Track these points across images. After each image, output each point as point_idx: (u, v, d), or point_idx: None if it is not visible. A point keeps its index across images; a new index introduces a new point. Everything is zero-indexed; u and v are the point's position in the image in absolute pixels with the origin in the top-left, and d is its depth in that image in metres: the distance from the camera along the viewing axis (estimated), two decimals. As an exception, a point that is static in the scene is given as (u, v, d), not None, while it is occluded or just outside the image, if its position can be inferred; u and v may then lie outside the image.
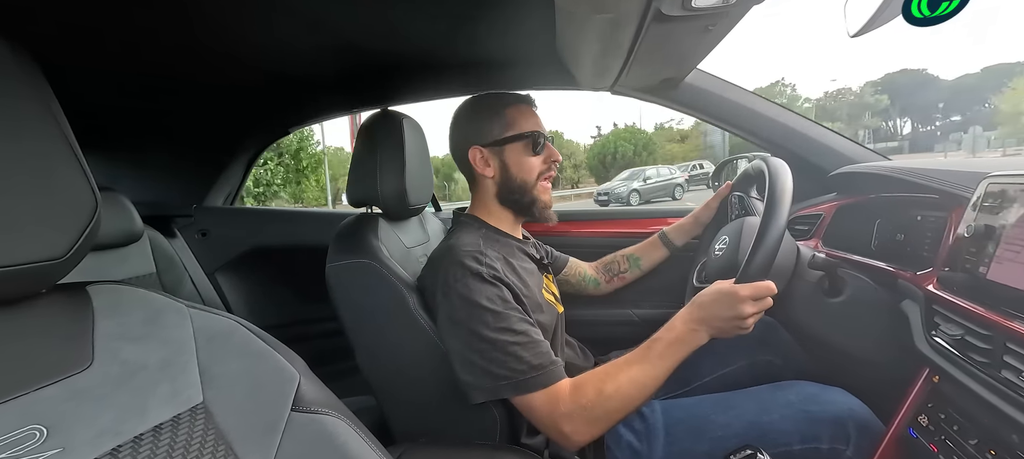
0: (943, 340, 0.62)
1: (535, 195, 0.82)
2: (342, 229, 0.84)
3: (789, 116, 1.16)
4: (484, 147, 0.82)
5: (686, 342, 0.68)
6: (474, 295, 0.68)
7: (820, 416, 0.71)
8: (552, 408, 0.65)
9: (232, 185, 1.66)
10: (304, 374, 0.40)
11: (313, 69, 1.14)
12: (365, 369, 0.80)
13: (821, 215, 1.06)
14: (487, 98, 0.85)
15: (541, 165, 0.82)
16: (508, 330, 0.67)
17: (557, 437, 0.66)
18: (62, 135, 0.33)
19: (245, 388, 0.37)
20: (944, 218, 0.74)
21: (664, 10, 0.60)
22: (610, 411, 0.65)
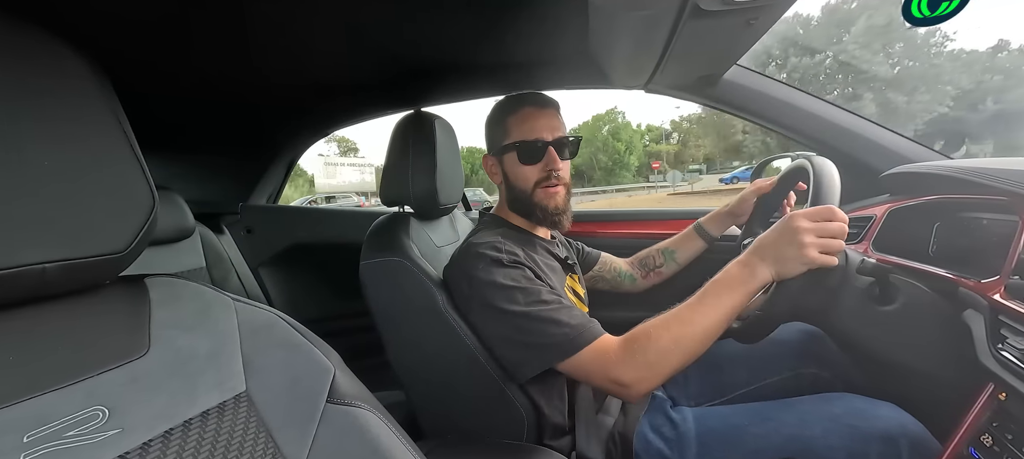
0: (1011, 354, 0.57)
1: (535, 202, 0.81)
2: (375, 228, 0.87)
3: (837, 113, 1.09)
4: (492, 155, 0.84)
5: (742, 281, 0.63)
6: (499, 278, 0.70)
7: (868, 432, 0.66)
8: (604, 361, 0.64)
9: (274, 185, 1.74)
10: (339, 367, 0.42)
11: (350, 75, 1.18)
12: (396, 364, 0.82)
13: (872, 217, 1.00)
14: (498, 105, 0.86)
15: (538, 173, 0.80)
16: (540, 301, 0.68)
17: (617, 390, 0.64)
18: (126, 139, 0.36)
19: (284, 379, 0.38)
20: (1014, 222, 0.68)
21: (702, 5, 0.58)
22: (664, 353, 0.61)
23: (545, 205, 0.81)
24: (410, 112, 0.94)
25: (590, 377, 0.66)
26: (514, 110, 0.82)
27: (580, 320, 0.67)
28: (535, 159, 0.80)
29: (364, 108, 1.43)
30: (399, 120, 0.94)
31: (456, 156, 0.98)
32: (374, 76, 1.20)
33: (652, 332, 0.63)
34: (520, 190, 0.82)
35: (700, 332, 0.62)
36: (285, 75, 1.14)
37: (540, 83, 1.21)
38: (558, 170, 0.80)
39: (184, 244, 1.29)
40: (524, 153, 0.80)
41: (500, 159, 0.84)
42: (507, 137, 0.82)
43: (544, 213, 0.81)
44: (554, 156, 0.80)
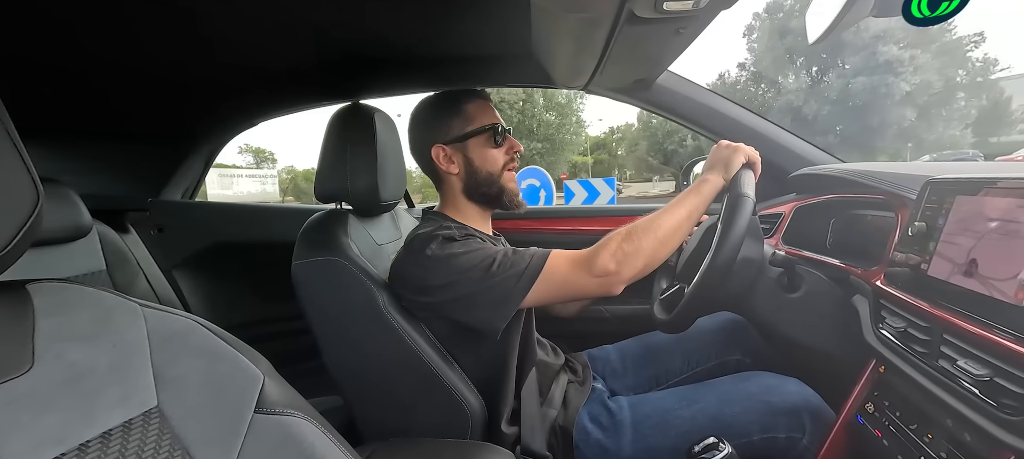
0: (888, 332, 0.66)
1: (503, 185, 0.83)
2: (309, 225, 0.82)
3: (753, 119, 1.20)
4: (446, 145, 0.82)
5: (698, 188, 0.76)
6: (453, 250, 0.71)
7: (778, 406, 0.74)
8: (584, 261, 0.70)
9: (192, 178, 1.58)
10: (268, 374, 0.39)
11: (282, 62, 1.10)
12: (332, 369, 0.78)
13: (781, 214, 1.11)
14: (444, 96, 0.85)
15: (504, 156, 0.83)
16: (496, 254, 0.71)
17: (605, 282, 0.69)
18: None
19: (205, 390, 0.35)
20: (891, 218, 0.79)
21: (637, 12, 0.61)
22: (640, 237, 0.70)
23: (511, 188, 0.85)
24: (347, 104, 0.90)
25: (575, 283, 0.70)
26: (471, 99, 0.83)
27: (533, 249, 0.72)
28: (501, 143, 0.83)
29: (297, 98, 1.34)
30: (335, 112, 0.89)
31: (399, 151, 0.95)
32: (309, 64, 1.13)
33: (625, 227, 0.72)
34: (488, 174, 0.83)
35: (669, 224, 0.72)
36: (206, 57, 1.03)
37: (484, 79, 1.20)
38: (520, 152, 0.86)
39: (78, 245, 1.13)
40: (495, 136, 0.82)
41: (463, 145, 0.82)
42: (472, 123, 0.82)
43: (510, 196, 0.84)
44: (514, 140, 0.85)
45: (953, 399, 0.54)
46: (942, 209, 0.62)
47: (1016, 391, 0.45)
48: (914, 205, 0.68)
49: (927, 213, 0.64)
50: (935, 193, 0.64)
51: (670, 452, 0.74)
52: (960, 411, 0.53)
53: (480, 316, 0.71)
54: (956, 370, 0.53)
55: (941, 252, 0.60)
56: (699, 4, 0.57)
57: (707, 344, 0.97)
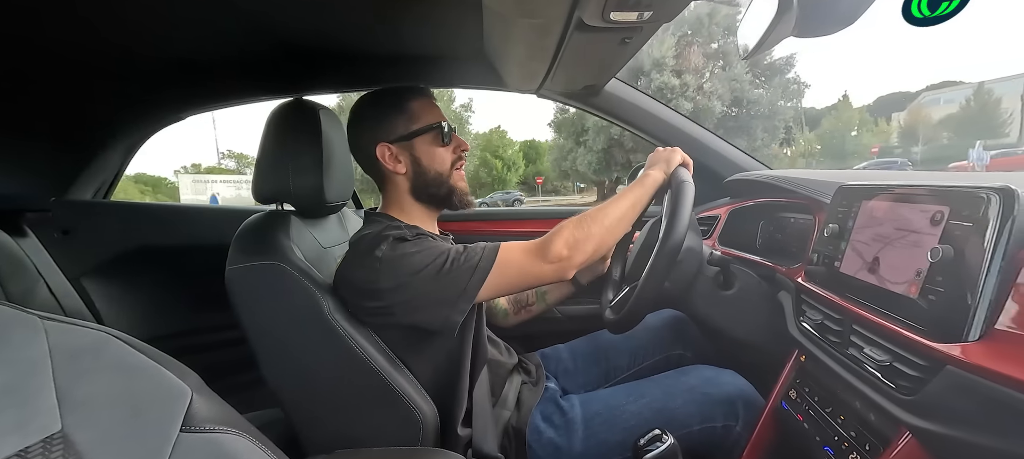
0: (808, 325, 0.73)
1: (452, 184, 0.82)
2: (246, 228, 0.77)
3: (692, 126, 1.28)
4: (392, 143, 0.80)
5: (641, 181, 0.81)
6: (406, 249, 0.70)
7: (715, 397, 0.79)
8: (537, 249, 0.72)
9: (106, 176, 1.41)
10: (197, 389, 0.36)
11: (214, 49, 1.02)
12: (272, 380, 0.73)
13: (718, 217, 1.19)
14: (387, 93, 0.83)
15: (452, 155, 0.82)
16: (449, 251, 0.71)
17: (558, 267, 0.72)
18: None
19: (120, 410, 0.32)
20: (810, 220, 0.87)
21: (586, 20, 0.63)
22: (589, 224, 0.74)
23: (460, 186, 0.83)
24: (289, 100, 0.85)
25: (530, 270, 0.72)
26: (415, 97, 0.81)
27: (483, 244, 0.73)
28: (449, 141, 0.82)
29: (233, 92, 1.25)
30: (276, 108, 0.84)
31: (345, 150, 0.91)
32: (248, 55, 1.06)
33: (576, 217, 0.76)
34: (437, 173, 0.81)
35: (616, 212, 0.77)
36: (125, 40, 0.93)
37: (436, 79, 1.19)
38: (467, 150, 0.85)
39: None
40: (442, 135, 0.81)
41: (410, 144, 0.80)
42: (418, 121, 0.80)
43: (459, 194, 0.83)
44: (461, 139, 0.84)
45: (860, 383, 0.60)
46: (851, 212, 0.69)
47: (910, 374, 0.52)
48: (829, 209, 0.75)
49: (838, 216, 0.71)
50: (844, 198, 0.72)
51: (619, 446, 0.77)
52: (866, 394, 0.59)
53: (436, 314, 0.70)
54: (863, 357, 0.59)
55: (850, 251, 0.67)
56: (643, 17, 0.60)
57: (652, 341, 1.01)
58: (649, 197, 0.81)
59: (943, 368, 0.47)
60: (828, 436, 0.66)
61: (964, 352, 0.45)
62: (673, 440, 0.62)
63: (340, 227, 0.98)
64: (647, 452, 0.61)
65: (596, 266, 1.01)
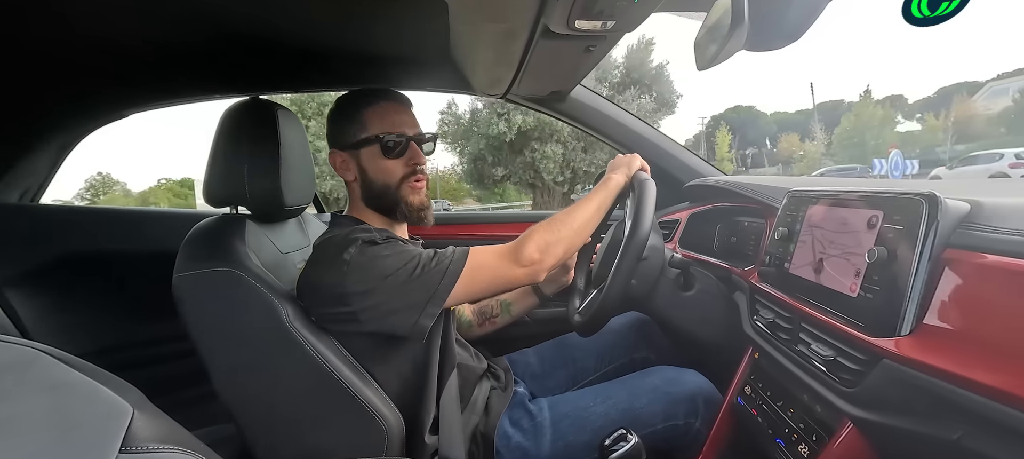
0: (761, 323, 0.77)
1: (399, 198, 0.80)
2: (197, 233, 0.72)
3: (654, 133, 1.32)
4: (341, 150, 0.79)
5: (604, 185, 0.84)
6: (377, 253, 0.69)
7: (678, 396, 0.82)
8: (508, 253, 0.73)
9: (36, 178, 1.29)
10: (139, 406, 0.33)
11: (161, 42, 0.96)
12: (225, 393, 0.69)
13: (678, 220, 1.24)
14: (347, 98, 0.81)
15: (402, 168, 0.79)
16: (420, 255, 0.70)
17: (529, 270, 0.73)
18: None
19: (50, 432, 0.29)
20: (762, 224, 0.92)
21: (552, 27, 0.64)
22: (557, 227, 0.77)
23: (410, 200, 0.80)
24: (244, 99, 0.81)
25: (503, 274, 0.73)
26: (371, 103, 0.79)
27: (453, 247, 0.73)
28: (399, 154, 0.79)
29: (183, 89, 1.18)
30: (230, 107, 0.80)
31: (305, 151, 0.88)
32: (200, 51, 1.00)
33: (545, 221, 0.78)
34: (383, 185, 0.79)
35: (583, 215, 0.80)
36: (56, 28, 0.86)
37: (400, 82, 1.17)
38: (423, 165, 0.82)
39: None
40: (387, 147, 0.78)
41: (356, 154, 0.79)
42: (364, 131, 0.78)
43: (409, 209, 0.80)
44: (418, 151, 0.81)
45: (808, 377, 0.64)
46: (799, 217, 0.73)
47: (851, 367, 0.55)
48: (779, 213, 0.79)
49: (788, 220, 0.76)
50: (792, 203, 0.77)
51: (586, 447, 0.78)
52: (813, 387, 0.63)
53: (404, 320, 0.69)
54: (810, 353, 0.63)
55: (798, 253, 0.71)
56: (606, 26, 0.62)
57: (618, 343, 1.03)
58: (613, 200, 0.84)
59: (880, 361, 0.51)
60: (780, 428, 0.70)
61: (897, 346, 0.49)
62: (637, 439, 0.64)
63: (300, 231, 0.94)
64: (612, 452, 0.63)
65: (560, 277, 1.02)
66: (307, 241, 0.94)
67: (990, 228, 0.47)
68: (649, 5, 0.59)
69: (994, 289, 0.44)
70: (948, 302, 0.47)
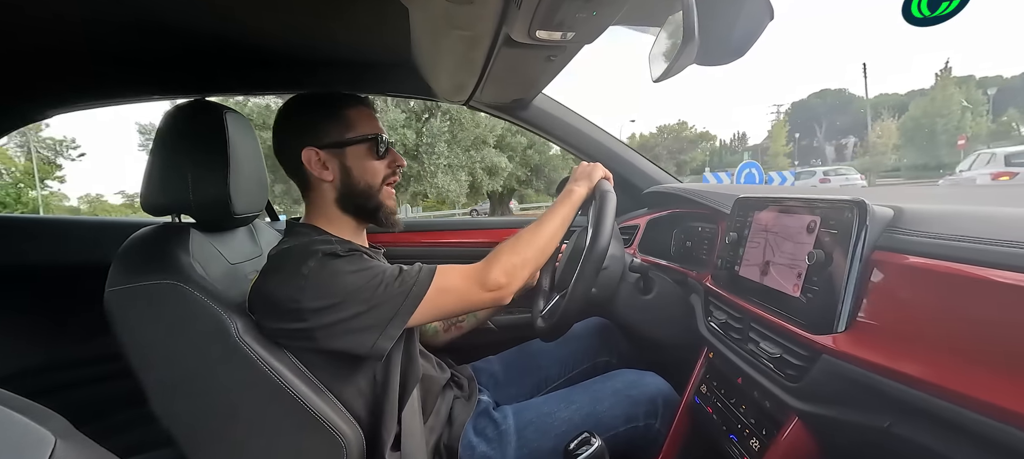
0: (715, 324, 0.81)
1: (380, 200, 0.79)
2: (134, 243, 0.67)
3: (614, 141, 1.37)
4: (321, 149, 0.75)
5: (567, 197, 0.85)
6: (339, 267, 0.66)
7: (638, 398, 0.84)
8: (474, 275, 0.73)
9: None
10: (63, 435, 0.30)
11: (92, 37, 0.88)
12: (165, 416, 0.64)
13: (637, 226, 1.28)
14: (321, 97, 0.79)
15: (385, 169, 0.80)
16: (385, 271, 0.68)
17: (495, 294, 0.73)
18: None
19: None
20: (715, 229, 0.97)
21: (513, 36, 0.65)
22: (523, 249, 0.77)
23: (389, 204, 0.81)
24: (189, 100, 0.77)
25: (468, 298, 0.72)
26: (352, 105, 0.78)
27: (420, 265, 0.72)
28: (384, 155, 0.79)
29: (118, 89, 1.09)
30: (173, 108, 0.75)
31: (256, 156, 0.84)
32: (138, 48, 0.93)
33: (507, 243, 0.77)
34: (366, 185, 0.77)
35: (547, 233, 0.80)
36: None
37: (360, 85, 1.14)
38: (403, 167, 0.83)
39: None
40: (377, 147, 0.77)
41: (341, 153, 0.76)
42: (353, 129, 0.76)
43: (386, 212, 0.80)
44: (397, 154, 0.82)
45: (757, 374, 0.68)
46: (747, 222, 0.78)
47: (796, 363, 0.59)
48: (729, 218, 0.84)
49: (737, 225, 0.80)
50: (740, 209, 0.81)
51: (551, 452, 0.78)
52: (762, 384, 0.66)
53: (363, 340, 0.66)
54: (759, 351, 0.66)
55: (747, 257, 0.75)
56: (566, 37, 0.63)
57: (580, 349, 1.05)
58: (575, 211, 0.85)
59: (820, 357, 0.55)
60: (733, 424, 0.73)
61: (834, 342, 0.53)
62: (601, 442, 0.65)
63: (251, 241, 0.90)
64: (577, 456, 0.63)
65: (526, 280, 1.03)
66: (259, 251, 0.89)
67: (911, 231, 0.51)
68: (607, 18, 0.60)
69: (916, 288, 0.48)
70: (877, 300, 0.51)
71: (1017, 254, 0.40)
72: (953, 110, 20.60)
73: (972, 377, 0.40)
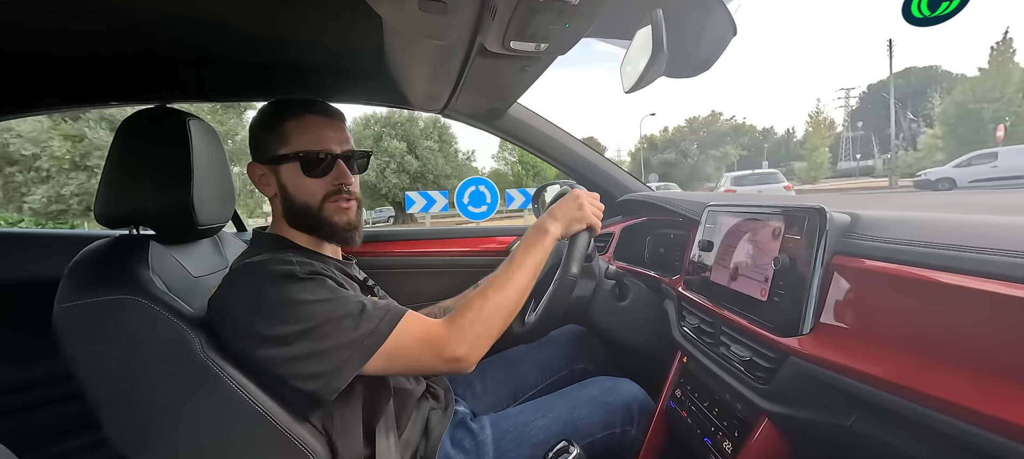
0: (688, 329, 0.82)
1: (323, 217, 0.74)
2: (86, 256, 0.63)
3: (589, 152, 1.39)
4: (262, 163, 0.73)
5: (539, 240, 0.76)
6: (294, 294, 0.61)
7: (614, 405, 0.85)
8: (432, 344, 0.66)
9: None
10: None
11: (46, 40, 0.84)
12: (119, 439, 0.60)
13: (612, 234, 1.30)
14: (270, 109, 0.75)
15: (325, 187, 0.74)
16: (346, 303, 0.63)
17: (452, 366, 0.67)
18: None
19: None
20: (686, 235, 0.99)
21: (488, 46, 0.65)
22: (488, 320, 0.69)
23: (335, 221, 0.75)
24: (149, 107, 0.73)
25: (421, 362, 0.66)
26: (294, 116, 0.73)
27: (388, 304, 0.67)
28: (323, 172, 0.73)
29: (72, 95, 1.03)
30: (132, 115, 0.72)
31: (222, 165, 0.81)
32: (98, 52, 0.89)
33: (474, 304, 0.70)
34: (303, 204, 0.73)
35: (514, 293, 0.72)
36: None
37: (332, 94, 1.12)
38: (350, 184, 0.76)
39: None
40: (308, 165, 0.72)
41: (276, 169, 0.73)
42: (285, 145, 0.72)
43: (334, 230, 0.75)
44: (345, 170, 0.75)
45: (729, 377, 0.69)
46: (717, 229, 0.80)
47: (765, 365, 0.61)
48: (700, 225, 0.86)
49: (707, 231, 0.82)
50: (711, 217, 0.83)
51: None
52: (733, 386, 0.68)
53: (311, 383, 0.61)
54: (730, 354, 0.68)
55: (718, 262, 0.77)
56: (539, 48, 0.64)
57: (557, 356, 1.05)
58: (547, 256, 0.77)
59: (787, 359, 0.57)
60: (706, 427, 0.74)
61: (800, 344, 0.55)
62: (579, 450, 0.65)
63: (216, 253, 0.86)
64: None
65: None
66: (224, 263, 0.86)
67: (867, 237, 0.54)
68: (579, 31, 0.62)
69: (874, 291, 0.51)
70: (839, 303, 0.54)
71: (964, 257, 0.42)
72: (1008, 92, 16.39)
73: (930, 375, 0.42)
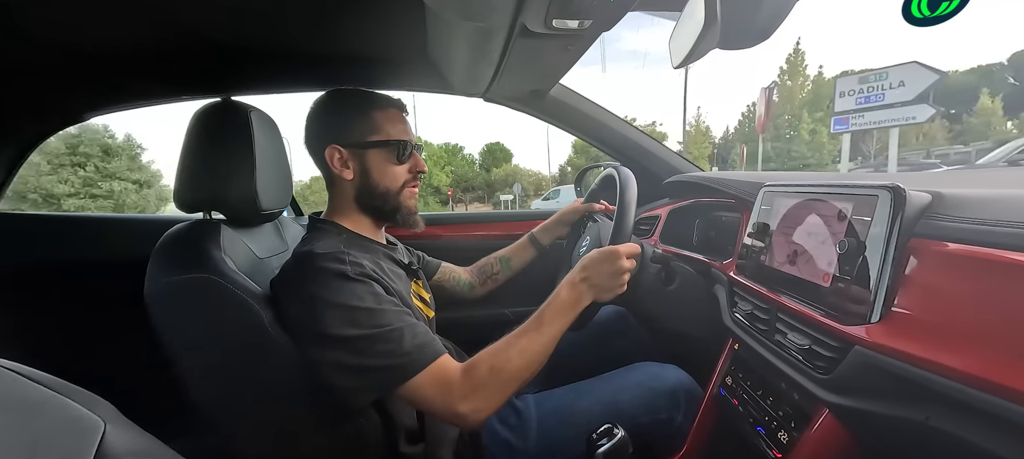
0: (740, 315, 0.79)
1: (399, 202, 0.80)
2: (169, 240, 0.70)
3: (632, 131, 1.34)
4: (344, 148, 0.76)
5: (571, 305, 0.72)
6: (341, 297, 0.63)
7: (660, 391, 0.84)
8: (445, 392, 0.63)
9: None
10: (112, 420, 0.32)
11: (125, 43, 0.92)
12: (205, 403, 0.67)
13: (658, 216, 1.26)
14: (353, 95, 0.79)
15: (406, 174, 0.80)
16: (385, 323, 0.64)
17: (456, 420, 0.64)
18: None
19: (19, 451, 0.28)
20: (739, 218, 0.94)
21: (529, 26, 0.64)
22: (504, 384, 0.65)
23: (409, 204, 0.81)
24: (216, 100, 0.79)
25: (429, 405, 0.64)
26: (382, 107, 0.78)
27: (420, 340, 0.64)
28: (406, 160, 0.80)
29: (148, 91, 1.13)
30: (200, 109, 0.78)
31: (281, 154, 0.86)
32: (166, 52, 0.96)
33: (494, 363, 0.65)
34: (386, 189, 0.78)
35: (536, 358, 0.68)
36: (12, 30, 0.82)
37: (379, 82, 1.15)
38: (424, 172, 0.83)
39: None
40: (401, 152, 0.78)
41: (362, 154, 0.77)
42: (377, 132, 0.76)
43: (407, 212, 0.81)
44: (420, 159, 0.83)
45: (785, 366, 0.66)
46: (773, 211, 0.75)
47: (826, 355, 0.57)
48: (755, 207, 0.81)
49: (763, 213, 0.78)
50: (768, 198, 0.79)
51: (572, 441, 0.78)
52: (790, 375, 0.65)
53: (338, 384, 0.63)
54: (786, 342, 0.65)
55: (774, 246, 0.73)
56: (583, 25, 0.62)
57: (599, 336, 1.05)
58: (570, 324, 0.73)
59: (852, 348, 0.53)
60: (760, 417, 0.72)
61: (868, 333, 0.51)
62: (623, 432, 0.65)
63: (277, 236, 0.92)
64: (599, 445, 0.63)
65: (556, 231, 1.14)
66: (285, 246, 0.92)
67: (951, 217, 0.49)
68: (625, 4, 0.59)
69: (956, 276, 0.46)
70: (914, 290, 0.49)
71: None
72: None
73: (1017, 369, 0.38)
